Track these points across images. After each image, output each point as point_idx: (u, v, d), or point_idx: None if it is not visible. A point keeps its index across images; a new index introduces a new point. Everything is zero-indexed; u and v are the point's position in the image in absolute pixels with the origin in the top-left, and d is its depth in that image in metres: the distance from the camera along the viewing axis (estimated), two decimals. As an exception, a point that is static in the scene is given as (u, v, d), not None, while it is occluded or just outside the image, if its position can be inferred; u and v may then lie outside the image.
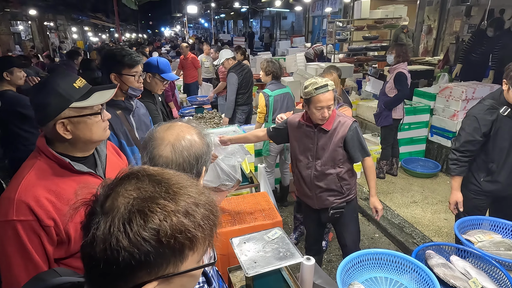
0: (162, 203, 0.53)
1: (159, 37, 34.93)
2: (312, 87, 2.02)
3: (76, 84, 1.11)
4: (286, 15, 17.60)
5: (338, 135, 2.13)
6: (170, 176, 0.59)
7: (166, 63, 2.54)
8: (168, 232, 0.52)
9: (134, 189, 0.55)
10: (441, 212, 3.43)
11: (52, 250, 1.05)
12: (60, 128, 1.07)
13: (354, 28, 8.00)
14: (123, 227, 0.51)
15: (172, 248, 0.53)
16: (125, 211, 0.52)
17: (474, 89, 3.94)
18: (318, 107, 2.03)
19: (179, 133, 0.97)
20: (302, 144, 2.24)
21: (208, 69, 7.67)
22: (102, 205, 0.55)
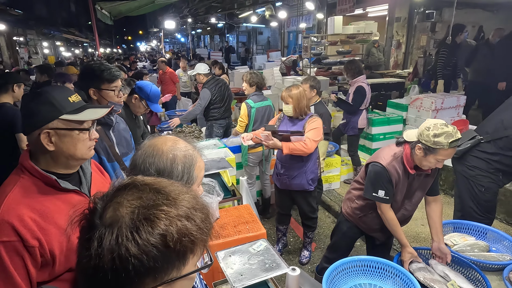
0: (166, 209, 0.55)
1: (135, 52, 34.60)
2: (446, 139, 1.74)
3: (71, 98, 1.11)
4: (262, 30, 17.99)
5: (433, 175, 2.04)
6: (166, 185, 0.62)
7: (157, 94, 2.58)
8: (175, 236, 0.54)
9: (135, 199, 0.56)
10: (418, 219, 3.55)
11: (35, 273, 1.01)
12: (44, 138, 1.04)
13: (328, 43, 8.29)
14: (131, 236, 0.52)
15: (177, 252, 0.55)
16: (131, 220, 0.53)
17: (443, 100, 4.17)
18: (441, 159, 1.80)
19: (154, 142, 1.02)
20: (401, 191, 2.05)
21: (186, 83, 7.68)
22: (101, 217, 0.55)
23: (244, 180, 3.28)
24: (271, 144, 2.65)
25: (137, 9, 7.63)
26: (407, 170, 1.95)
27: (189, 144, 1.06)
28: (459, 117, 4.36)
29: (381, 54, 7.87)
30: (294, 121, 2.79)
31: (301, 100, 2.67)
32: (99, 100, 1.88)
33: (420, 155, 1.85)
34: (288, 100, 2.69)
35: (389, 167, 1.96)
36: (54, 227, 1.03)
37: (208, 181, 2.44)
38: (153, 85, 2.58)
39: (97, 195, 0.60)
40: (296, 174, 2.81)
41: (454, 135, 1.75)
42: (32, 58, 16.09)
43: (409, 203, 2.13)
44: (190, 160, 1.03)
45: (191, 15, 13.26)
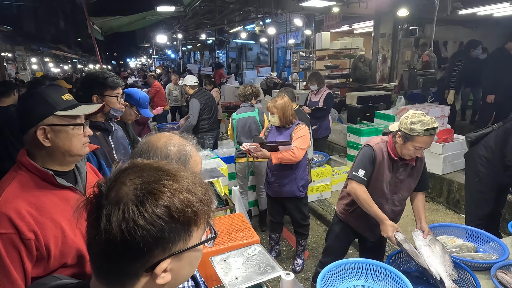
0: (167, 183, 0.59)
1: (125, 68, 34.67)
2: (422, 126, 1.84)
3: (64, 96, 1.14)
4: (251, 46, 18.32)
5: (418, 168, 2.11)
6: (164, 164, 0.65)
7: (147, 99, 2.64)
8: (178, 207, 0.57)
9: (137, 177, 0.60)
10: (408, 225, 3.61)
11: (31, 267, 1.01)
12: (40, 135, 1.07)
13: (316, 58, 8.51)
14: (137, 209, 0.55)
15: (182, 223, 0.58)
16: (135, 195, 0.56)
17: (428, 110, 4.31)
18: (418, 147, 1.90)
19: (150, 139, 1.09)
20: (384, 179, 2.10)
21: (177, 97, 7.73)
22: (107, 197, 0.58)
23: (236, 189, 3.30)
24: (260, 155, 2.73)
25: (128, 25, 7.73)
26: (391, 156, 2.04)
27: (184, 140, 1.11)
28: (444, 126, 4.50)
29: (367, 68, 8.11)
30: (281, 130, 2.87)
31: (286, 110, 2.77)
32: None
33: (400, 143, 1.96)
34: (274, 111, 2.77)
35: (376, 147, 2.07)
36: (50, 222, 1.05)
37: None
38: (142, 91, 2.64)
39: (100, 181, 0.62)
40: (287, 181, 2.86)
41: (430, 124, 1.84)
42: (20, 74, 15.96)
43: (397, 197, 2.18)
44: (184, 155, 1.08)
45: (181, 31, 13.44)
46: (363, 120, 5.27)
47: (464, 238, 2.26)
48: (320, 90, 4.74)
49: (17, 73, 16.24)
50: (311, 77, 4.84)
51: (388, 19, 8.50)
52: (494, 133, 2.64)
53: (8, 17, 14.19)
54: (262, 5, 8.04)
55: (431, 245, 1.93)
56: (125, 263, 0.56)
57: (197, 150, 1.12)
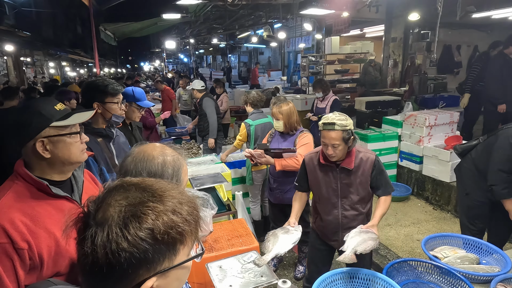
0: (152, 205, 0.60)
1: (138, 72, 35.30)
2: (322, 121, 2.00)
3: (57, 107, 1.17)
4: (263, 50, 18.39)
5: (364, 173, 2.07)
6: (152, 183, 0.67)
7: (141, 91, 2.67)
8: (162, 229, 0.58)
9: (123, 198, 0.61)
10: (414, 234, 3.55)
11: (24, 276, 1.04)
12: (39, 147, 1.10)
13: (326, 62, 8.48)
14: (120, 232, 0.56)
15: (166, 243, 0.59)
16: (119, 218, 0.58)
17: (436, 116, 4.24)
18: (323, 142, 2.01)
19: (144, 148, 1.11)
20: (325, 185, 2.15)
21: (186, 101, 7.83)
22: (94, 217, 0.60)
23: (239, 195, 3.32)
24: (263, 161, 2.74)
25: (140, 31, 7.89)
26: (320, 161, 2.13)
27: (174, 150, 1.15)
28: (453, 133, 4.42)
29: (377, 72, 8.03)
30: (285, 137, 2.87)
31: (291, 116, 2.77)
32: (103, 113, 1.98)
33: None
34: (279, 116, 2.78)
35: (306, 157, 2.21)
36: (44, 231, 1.07)
37: (202, 194, 2.49)
38: (133, 87, 2.69)
39: (90, 199, 0.65)
40: (289, 188, 2.86)
41: (330, 119, 1.96)
42: (37, 78, 16.45)
43: (347, 202, 2.14)
44: (178, 164, 1.13)
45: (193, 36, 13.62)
46: (371, 126, 5.22)
47: (467, 249, 2.22)
48: (326, 96, 4.73)
49: (35, 77, 16.76)
50: (315, 85, 4.83)
51: (399, 23, 8.40)
52: (479, 146, 2.52)
53: (28, 23, 14.66)
54: (271, 10, 8.08)
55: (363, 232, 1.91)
56: (111, 282, 0.58)
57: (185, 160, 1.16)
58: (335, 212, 2.16)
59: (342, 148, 1.98)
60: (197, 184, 2.86)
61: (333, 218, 2.17)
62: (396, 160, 4.69)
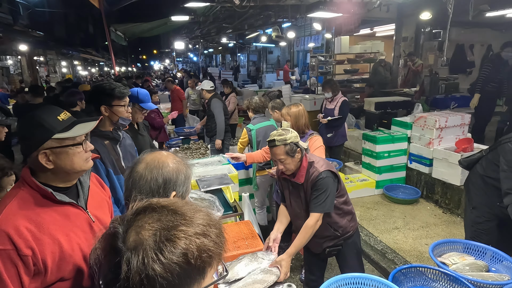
0: (184, 229, 0.61)
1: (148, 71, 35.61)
2: (267, 140, 2.03)
3: (60, 117, 1.17)
4: (272, 49, 18.34)
5: (309, 188, 2.06)
6: (182, 204, 0.67)
7: (145, 93, 2.69)
8: (195, 253, 0.59)
9: (155, 221, 0.62)
10: (422, 238, 3.50)
11: (28, 282, 1.06)
12: (42, 159, 1.11)
13: (335, 62, 8.42)
14: (156, 257, 0.57)
15: (197, 268, 0.60)
16: (154, 242, 0.58)
17: (447, 118, 4.16)
18: (273, 159, 2.04)
19: (157, 156, 1.09)
20: (290, 196, 2.20)
21: (195, 101, 7.87)
22: (124, 241, 0.60)
23: (246, 196, 3.32)
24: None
25: (149, 31, 7.96)
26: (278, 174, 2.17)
27: (182, 159, 1.18)
28: (464, 135, 4.33)
29: (387, 72, 7.93)
30: None
31: (299, 119, 2.76)
32: (110, 116, 2.00)
33: None
34: (287, 118, 2.78)
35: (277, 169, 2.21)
36: (48, 238, 1.09)
37: (209, 196, 2.50)
38: (138, 89, 2.71)
39: (116, 219, 0.65)
40: (296, 191, 2.85)
41: (271, 137, 1.98)
42: (50, 77, 16.75)
43: (304, 212, 2.12)
44: (189, 172, 1.17)
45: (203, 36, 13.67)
46: (380, 127, 5.16)
47: (476, 256, 2.18)
48: (335, 97, 4.70)
49: (47, 75, 17.08)
50: (325, 85, 4.79)
51: (410, 22, 8.29)
52: (484, 160, 2.41)
53: (41, 23, 14.94)
54: (280, 10, 8.05)
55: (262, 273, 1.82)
56: None
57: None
58: (299, 222, 2.16)
59: (290, 161, 1.99)
60: (204, 185, 2.87)
61: (300, 227, 2.14)
62: (405, 162, 4.63)
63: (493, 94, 5.34)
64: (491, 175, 2.33)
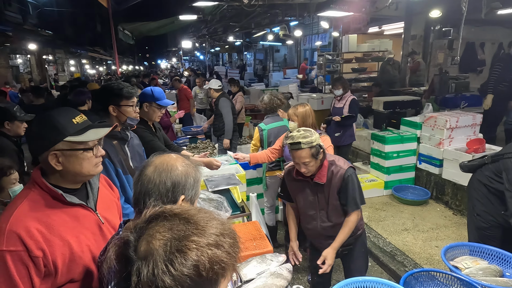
0: (196, 239, 0.58)
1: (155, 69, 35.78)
2: (288, 141, 1.99)
3: (75, 120, 1.17)
4: (278, 48, 18.27)
5: (334, 186, 2.06)
6: (195, 213, 0.65)
7: (160, 91, 2.64)
8: (207, 265, 0.57)
9: (166, 230, 0.60)
10: (432, 240, 3.45)
11: (39, 283, 1.06)
12: (52, 160, 1.11)
13: (343, 61, 8.34)
14: (166, 268, 0.55)
15: (210, 279, 0.58)
16: (164, 253, 0.57)
17: (458, 118, 4.09)
18: (294, 161, 2.02)
19: (166, 159, 1.08)
20: (303, 197, 2.18)
21: (202, 100, 7.87)
22: (135, 250, 0.59)
23: (253, 196, 3.30)
24: None
25: (157, 29, 7.97)
26: (293, 175, 2.14)
27: (192, 162, 1.16)
28: (475, 136, 4.26)
29: (396, 71, 7.82)
30: None
31: (306, 119, 2.73)
32: (118, 116, 2.00)
33: None
34: (294, 118, 2.75)
35: (286, 170, 2.22)
36: (59, 239, 1.09)
37: (217, 197, 2.48)
38: (152, 87, 2.64)
39: (128, 227, 0.63)
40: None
41: (295, 138, 1.94)
42: (59, 75, 16.91)
43: (324, 214, 2.15)
44: (198, 175, 1.15)
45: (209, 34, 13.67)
46: (389, 127, 5.10)
47: (490, 260, 2.13)
48: (344, 96, 4.67)
49: (56, 74, 17.25)
50: (335, 82, 4.74)
51: (419, 20, 8.17)
52: (487, 170, 2.33)
53: (50, 22, 15.07)
54: (288, 8, 8.00)
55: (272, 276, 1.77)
56: None
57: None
58: (314, 223, 2.20)
59: (313, 164, 1.99)
60: (211, 185, 2.86)
61: (313, 228, 2.22)
62: (415, 162, 4.57)
63: (505, 94, 5.24)
64: (495, 186, 2.28)
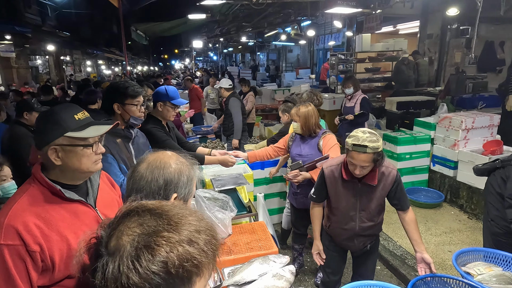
0: (166, 235, 0.56)
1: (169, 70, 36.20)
2: (352, 141, 1.88)
3: (77, 116, 1.18)
4: (292, 48, 18.18)
5: (385, 187, 2.06)
6: (169, 208, 0.62)
7: (174, 90, 2.63)
8: (176, 262, 0.54)
9: (136, 226, 0.58)
10: (445, 244, 3.34)
11: (36, 277, 1.06)
12: (51, 154, 1.12)
13: (356, 61, 8.22)
14: (132, 264, 0.53)
15: (181, 277, 0.55)
16: (131, 248, 0.54)
17: (474, 119, 3.96)
18: (351, 162, 1.94)
19: (159, 155, 1.06)
20: (346, 199, 2.13)
21: (213, 100, 7.90)
22: (106, 245, 0.57)
23: (261, 196, 3.28)
24: (301, 179, 2.66)
25: (169, 30, 8.05)
26: (343, 177, 2.06)
27: (187, 160, 1.14)
28: (493, 137, 4.11)
29: (411, 71, 7.65)
30: (305, 139, 2.79)
31: (309, 119, 2.68)
32: (122, 114, 2.01)
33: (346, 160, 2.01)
34: (296, 118, 2.72)
35: (326, 170, 2.13)
36: (57, 235, 1.09)
37: (222, 196, 2.47)
38: (166, 86, 2.64)
39: (104, 223, 0.62)
40: (313, 192, 2.78)
41: (361, 140, 1.83)
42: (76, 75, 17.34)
43: (365, 214, 2.14)
44: (192, 174, 1.13)
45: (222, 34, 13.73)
46: (402, 128, 4.98)
47: (504, 267, 2.04)
48: (354, 94, 4.61)
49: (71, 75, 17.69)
50: (346, 80, 4.69)
51: (436, 18, 7.98)
52: (499, 176, 2.24)
53: (68, 24, 15.44)
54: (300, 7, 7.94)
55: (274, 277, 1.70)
56: None
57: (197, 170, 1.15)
58: (352, 223, 2.17)
59: (370, 168, 1.94)
60: (218, 185, 2.85)
61: (350, 229, 2.19)
62: (428, 164, 4.45)
63: None
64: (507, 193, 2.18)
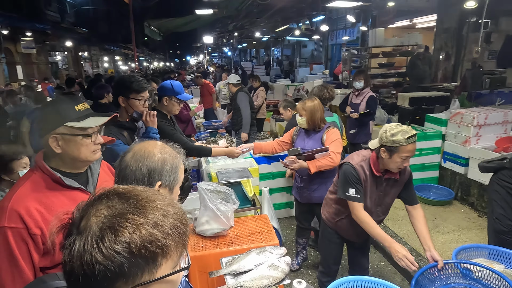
0: (131, 217, 0.59)
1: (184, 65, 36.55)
2: (402, 135, 1.87)
3: (78, 107, 1.24)
4: (306, 43, 18.02)
5: (402, 181, 2.12)
6: (139, 192, 0.65)
7: (179, 85, 2.69)
8: (139, 243, 0.57)
9: (104, 208, 0.61)
10: (452, 242, 3.29)
11: (38, 259, 1.14)
12: (52, 143, 1.19)
13: (369, 56, 8.09)
14: (96, 244, 0.57)
15: (144, 257, 0.58)
16: (97, 229, 0.58)
17: (486, 115, 3.86)
18: (404, 156, 1.91)
19: (145, 145, 1.11)
20: (370, 193, 2.14)
21: (226, 95, 7.96)
22: (77, 226, 0.61)
23: (266, 190, 3.31)
24: (297, 166, 2.69)
25: (183, 26, 8.13)
26: (374, 173, 2.06)
27: (173, 149, 1.18)
28: (507, 134, 3.99)
29: (426, 66, 7.47)
30: (310, 134, 2.80)
31: (314, 113, 2.69)
32: (126, 108, 2.09)
33: (386, 157, 1.96)
34: (302, 113, 2.72)
35: (357, 166, 2.09)
36: None
37: (224, 189, 2.52)
38: (171, 81, 2.68)
39: (80, 205, 0.66)
40: (317, 187, 2.80)
41: (409, 132, 1.88)
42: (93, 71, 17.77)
43: (380, 209, 2.20)
44: (177, 162, 1.15)
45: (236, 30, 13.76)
46: (413, 124, 4.90)
47: (506, 264, 2.00)
48: (362, 91, 4.53)
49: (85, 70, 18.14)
50: (358, 73, 4.59)
51: (453, 12, 7.73)
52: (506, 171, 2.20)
53: (86, 21, 15.80)
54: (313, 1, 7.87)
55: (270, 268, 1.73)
56: None
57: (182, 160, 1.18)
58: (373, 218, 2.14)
59: None
60: (222, 178, 2.90)
61: None
62: (439, 161, 4.36)
63: None
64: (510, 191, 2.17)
